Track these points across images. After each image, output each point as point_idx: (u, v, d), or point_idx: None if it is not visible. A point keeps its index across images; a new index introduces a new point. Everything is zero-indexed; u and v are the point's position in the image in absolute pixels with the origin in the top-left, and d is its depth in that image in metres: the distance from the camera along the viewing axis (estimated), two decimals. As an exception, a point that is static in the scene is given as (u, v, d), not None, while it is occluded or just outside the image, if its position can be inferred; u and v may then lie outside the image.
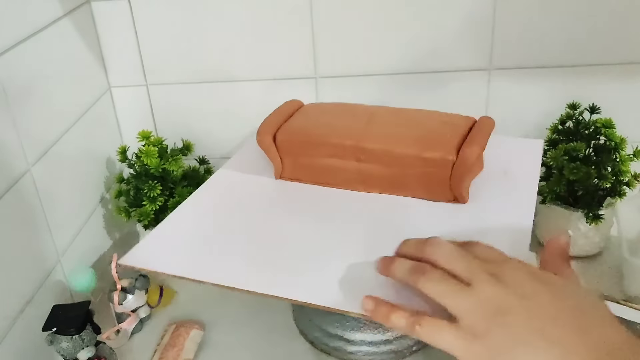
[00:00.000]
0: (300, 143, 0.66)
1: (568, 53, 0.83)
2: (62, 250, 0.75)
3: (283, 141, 0.67)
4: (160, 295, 0.79)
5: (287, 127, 0.68)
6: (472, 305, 0.40)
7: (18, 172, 0.66)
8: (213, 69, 0.88)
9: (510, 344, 0.38)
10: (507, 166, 0.67)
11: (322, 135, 0.65)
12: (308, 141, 0.66)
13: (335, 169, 0.66)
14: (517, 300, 0.40)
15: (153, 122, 0.93)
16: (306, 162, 0.67)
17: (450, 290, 0.42)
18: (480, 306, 0.40)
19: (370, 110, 0.69)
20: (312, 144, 0.66)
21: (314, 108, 0.73)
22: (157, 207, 0.79)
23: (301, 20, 0.84)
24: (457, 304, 0.41)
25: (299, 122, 0.69)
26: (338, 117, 0.69)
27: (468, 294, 0.41)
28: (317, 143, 0.65)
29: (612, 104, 0.80)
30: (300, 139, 0.66)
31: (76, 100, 0.81)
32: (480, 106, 0.86)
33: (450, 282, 0.42)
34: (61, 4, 0.77)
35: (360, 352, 0.68)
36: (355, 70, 0.87)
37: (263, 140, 0.67)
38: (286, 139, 0.67)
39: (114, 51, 0.89)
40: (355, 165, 0.64)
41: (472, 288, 0.41)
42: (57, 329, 0.64)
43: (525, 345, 0.38)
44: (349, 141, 0.64)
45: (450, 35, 0.83)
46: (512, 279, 0.41)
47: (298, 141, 0.66)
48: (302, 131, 0.67)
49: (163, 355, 0.70)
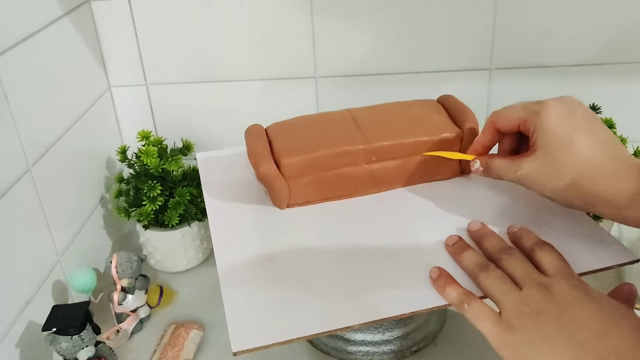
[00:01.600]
0: (310, 160, 0.61)
1: (568, 53, 0.83)
2: (62, 250, 0.75)
3: (290, 164, 0.61)
4: (160, 295, 0.79)
5: (284, 150, 0.62)
6: (516, 305, 0.46)
7: (18, 172, 0.66)
8: (213, 69, 0.88)
9: (539, 339, 0.43)
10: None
11: (329, 146, 0.62)
12: (318, 156, 0.61)
13: (345, 178, 0.63)
14: (553, 306, 0.45)
15: (153, 122, 0.93)
16: (314, 181, 0.62)
17: (503, 289, 0.47)
18: (521, 306, 0.45)
19: (344, 114, 0.67)
20: (323, 158, 0.61)
21: (286, 126, 0.67)
22: (157, 207, 0.79)
23: (301, 20, 0.84)
24: (505, 300, 0.47)
25: (292, 142, 0.63)
26: (322, 128, 0.65)
27: (516, 295, 0.46)
28: (328, 155, 0.61)
29: (612, 104, 0.79)
30: (310, 156, 0.61)
31: (76, 100, 0.81)
32: (481, 106, 0.86)
33: (505, 283, 0.48)
34: (61, 4, 0.77)
35: (360, 352, 0.68)
36: (355, 70, 0.87)
37: (268, 170, 0.60)
38: (294, 161, 0.61)
39: (114, 51, 0.88)
40: (366, 169, 0.63)
41: (522, 292, 0.47)
42: (57, 329, 0.64)
43: (551, 341, 0.43)
44: (359, 145, 0.62)
45: (450, 35, 0.83)
46: (558, 289, 0.46)
47: (308, 159, 0.61)
48: (305, 148, 0.62)
49: (163, 355, 0.70)
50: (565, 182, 0.50)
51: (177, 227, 0.82)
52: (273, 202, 0.63)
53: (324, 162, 0.62)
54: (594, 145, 0.50)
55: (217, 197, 0.66)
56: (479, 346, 0.68)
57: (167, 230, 0.82)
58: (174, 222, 0.80)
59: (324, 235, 0.59)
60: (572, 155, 0.49)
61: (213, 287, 0.83)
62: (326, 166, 0.62)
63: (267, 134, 0.66)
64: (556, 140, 0.50)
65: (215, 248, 0.58)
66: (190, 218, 0.83)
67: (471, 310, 0.47)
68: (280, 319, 0.50)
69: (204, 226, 0.85)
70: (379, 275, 0.53)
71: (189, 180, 0.84)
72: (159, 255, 0.84)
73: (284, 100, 0.90)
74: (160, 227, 0.83)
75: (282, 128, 0.66)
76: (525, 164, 0.52)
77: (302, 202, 0.63)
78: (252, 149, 0.63)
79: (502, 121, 0.56)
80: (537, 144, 0.51)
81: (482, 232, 0.55)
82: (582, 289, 0.46)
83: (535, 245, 0.51)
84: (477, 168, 0.58)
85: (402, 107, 0.69)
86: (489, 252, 0.53)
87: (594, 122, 0.51)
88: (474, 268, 0.51)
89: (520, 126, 0.54)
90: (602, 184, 0.49)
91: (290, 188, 0.62)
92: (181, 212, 0.80)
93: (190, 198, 0.81)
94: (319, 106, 0.90)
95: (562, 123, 0.50)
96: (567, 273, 0.48)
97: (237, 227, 0.61)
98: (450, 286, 0.49)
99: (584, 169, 0.49)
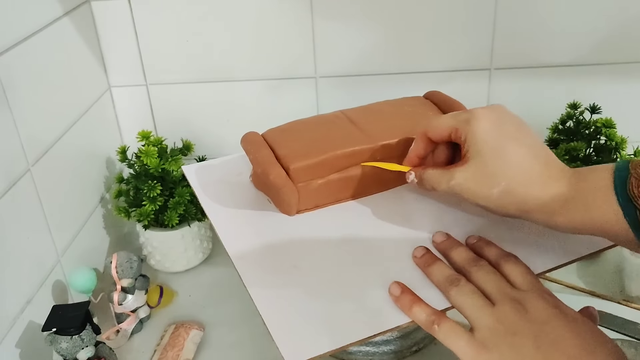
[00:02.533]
0: (319, 164, 0.60)
1: (568, 53, 0.83)
2: (62, 250, 0.75)
3: (300, 169, 0.60)
4: (160, 295, 0.79)
5: (290, 155, 0.61)
6: (490, 323, 0.45)
7: (18, 172, 0.66)
8: (213, 69, 0.88)
9: (514, 359, 0.43)
10: None
11: (335, 148, 0.61)
12: (326, 159, 0.61)
13: (353, 180, 0.62)
14: (529, 325, 0.44)
15: (153, 122, 0.93)
16: (322, 185, 0.62)
17: (475, 305, 0.46)
18: (496, 325, 0.44)
19: (339, 115, 0.67)
20: (331, 160, 0.61)
21: (284, 132, 0.66)
22: (157, 207, 0.79)
23: (301, 20, 0.84)
24: (478, 318, 0.45)
25: (296, 147, 0.62)
26: (322, 131, 0.64)
27: (490, 312, 0.45)
28: (336, 157, 0.61)
29: (612, 104, 0.80)
30: (319, 160, 0.60)
31: (76, 100, 0.81)
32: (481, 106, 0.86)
33: (478, 299, 0.47)
34: (61, 4, 0.77)
35: (360, 352, 0.68)
36: (355, 70, 0.87)
37: (278, 177, 0.59)
38: (302, 165, 0.60)
39: (113, 51, 0.88)
40: (370, 169, 0.64)
41: (495, 308, 0.46)
42: (57, 329, 0.64)
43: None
44: (364, 144, 0.61)
45: (450, 35, 0.83)
46: (533, 306, 0.45)
47: (316, 163, 0.60)
48: (311, 152, 0.61)
49: (163, 355, 0.70)
50: (499, 189, 0.49)
51: (177, 227, 0.82)
52: (281, 209, 0.62)
53: (333, 164, 0.61)
54: (524, 152, 0.49)
55: (220, 210, 0.64)
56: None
57: (167, 230, 0.82)
58: (174, 222, 0.80)
59: (341, 238, 0.59)
60: (503, 163, 0.49)
61: (213, 287, 0.83)
62: (334, 168, 0.62)
63: (266, 141, 0.65)
64: (487, 148, 0.50)
65: (235, 261, 0.57)
66: (190, 218, 0.83)
67: (442, 331, 0.45)
68: (328, 325, 0.49)
69: (204, 226, 0.85)
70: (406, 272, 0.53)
71: (188, 180, 0.84)
72: (159, 255, 0.84)
73: (283, 101, 0.90)
74: (160, 227, 0.83)
75: (280, 134, 0.65)
76: (458, 174, 0.51)
77: (311, 207, 0.63)
78: (257, 157, 0.62)
79: (433, 130, 0.55)
80: (469, 153, 0.51)
81: (449, 243, 0.54)
82: (557, 307, 0.45)
83: (500, 257, 0.50)
84: (412, 180, 0.56)
85: (395, 105, 0.69)
86: (457, 264, 0.51)
87: (523, 129, 0.51)
88: (445, 282, 0.49)
89: (452, 135, 0.53)
90: (534, 190, 0.48)
91: (300, 193, 0.61)
92: (181, 212, 0.80)
93: (190, 198, 0.81)
94: (318, 106, 0.90)
95: (492, 131, 0.50)
96: (539, 288, 0.47)
97: (249, 239, 0.60)
98: (417, 305, 0.47)
99: (515, 176, 0.49)
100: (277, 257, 0.57)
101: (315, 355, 0.47)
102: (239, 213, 0.63)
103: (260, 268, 0.56)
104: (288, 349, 0.47)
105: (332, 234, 0.59)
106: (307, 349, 0.47)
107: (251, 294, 0.53)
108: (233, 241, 0.59)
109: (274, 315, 0.51)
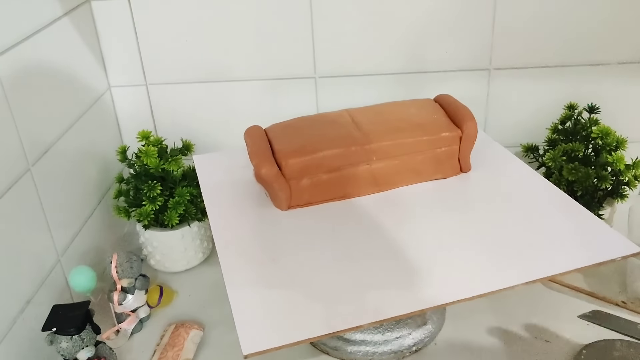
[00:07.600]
0: (312, 161, 0.62)
1: (568, 53, 0.83)
2: (62, 250, 0.75)
3: (292, 165, 0.61)
4: (160, 295, 0.79)
5: (285, 151, 0.62)
6: None
7: (18, 171, 0.66)
8: (213, 69, 0.88)
9: None
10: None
11: (330, 147, 0.62)
12: (319, 157, 0.62)
13: (346, 179, 0.63)
14: None
15: (153, 122, 0.93)
16: (315, 182, 0.63)
17: None
18: None
19: (343, 115, 0.68)
20: (324, 159, 0.62)
21: (286, 127, 0.67)
22: (157, 207, 0.79)
23: (301, 20, 0.84)
24: None
25: (293, 143, 0.63)
26: (322, 128, 0.65)
27: None
28: (329, 156, 0.62)
29: (612, 104, 0.80)
30: (312, 157, 0.62)
31: (76, 100, 0.81)
32: (480, 106, 0.87)
33: None
34: (61, 4, 0.77)
35: (360, 352, 0.68)
36: (355, 70, 0.87)
37: (269, 171, 0.60)
38: (295, 162, 0.61)
39: (113, 51, 0.89)
40: (366, 169, 0.63)
41: None
42: (57, 329, 0.64)
43: None
44: (359, 145, 0.62)
45: (450, 35, 0.83)
46: None
47: (309, 160, 0.62)
48: (306, 149, 0.62)
49: (163, 355, 0.70)
50: None
51: (177, 227, 0.82)
52: (274, 203, 0.63)
53: (326, 162, 0.62)
54: None
55: (217, 200, 0.66)
56: (478, 346, 0.68)
57: (167, 230, 0.82)
58: (174, 222, 0.80)
59: (326, 236, 0.59)
60: None
61: (213, 287, 0.83)
62: (327, 167, 0.62)
63: (267, 135, 0.66)
64: None
65: (219, 250, 0.58)
66: (190, 218, 0.83)
67: None
68: (289, 321, 0.50)
69: (203, 226, 0.85)
70: (381, 275, 0.54)
71: (189, 180, 0.84)
72: (159, 255, 0.84)
73: (283, 100, 0.90)
74: (160, 227, 0.83)
75: (281, 129, 0.66)
76: None
77: (303, 203, 0.64)
78: (253, 151, 0.63)
79: None
80: None
81: None
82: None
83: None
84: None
85: (401, 107, 0.69)
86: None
87: None
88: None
89: None
90: None
91: (291, 189, 0.62)
92: (181, 212, 0.80)
93: (190, 198, 0.81)
94: (318, 106, 0.90)
95: None
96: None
97: (239, 230, 0.61)
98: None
99: None
100: (260, 250, 0.58)
101: (269, 348, 0.48)
102: (235, 205, 0.65)
103: (241, 258, 0.57)
104: (246, 338, 0.49)
105: (319, 232, 0.60)
106: (264, 340, 0.48)
107: (225, 282, 0.54)
108: (222, 231, 0.61)
109: (242, 304, 0.52)
